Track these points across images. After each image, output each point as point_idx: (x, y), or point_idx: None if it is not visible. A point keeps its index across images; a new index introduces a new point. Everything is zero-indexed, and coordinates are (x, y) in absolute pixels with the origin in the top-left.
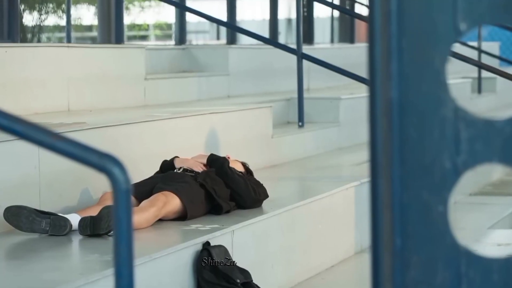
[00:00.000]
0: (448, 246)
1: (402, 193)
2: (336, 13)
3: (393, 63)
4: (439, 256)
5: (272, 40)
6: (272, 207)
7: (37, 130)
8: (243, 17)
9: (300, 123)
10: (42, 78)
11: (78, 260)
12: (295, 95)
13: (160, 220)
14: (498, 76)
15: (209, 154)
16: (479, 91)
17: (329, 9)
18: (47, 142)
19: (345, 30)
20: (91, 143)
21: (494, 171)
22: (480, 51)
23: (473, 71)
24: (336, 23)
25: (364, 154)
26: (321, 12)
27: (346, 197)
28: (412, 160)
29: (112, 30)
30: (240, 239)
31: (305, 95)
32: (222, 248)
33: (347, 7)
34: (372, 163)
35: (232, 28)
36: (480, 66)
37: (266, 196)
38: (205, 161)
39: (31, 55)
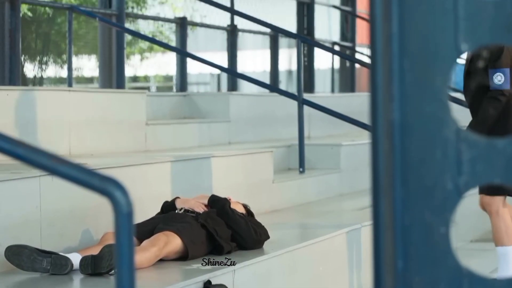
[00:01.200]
0: (450, 267)
1: (404, 214)
2: (337, 64)
3: (395, 85)
4: (441, 277)
5: (273, 86)
6: (273, 248)
7: (38, 153)
8: (243, 68)
9: (301, 169)
10: (43, 121)
11: None
12: (296, 142)
13: (161, 260)
14: None
15: (210, 194)
16: None
17: (329, 60)
18: (48, 165)
19: (346, 81)
20: None
21: None
22: None
23: None
24: (336, 75)
25: (365, 200)
26: (321, 63)
27: (348, 239)
28: (414, 181)
29: (113, 75)
30: (242, 278)
31: (306, 142)
32: (223, 287)
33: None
34: (374, 185)
35: (233, 74)
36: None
37: (267, 237)
38: (206, 201)
39: (33, 99)
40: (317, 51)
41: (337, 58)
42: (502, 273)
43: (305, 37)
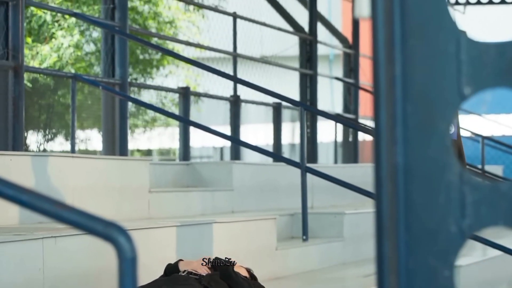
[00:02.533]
0: None
1: (408, 259)
2: (340, 137)
3: (398, 128)
4: None
5: (276, 154)
6: None
7: (42, 200)
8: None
9: (304, 237)
10: (46, 187)
11: None
12: (299, 211)
13: None
14: None
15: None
16: None
17: (332, 133)
18: (52, 211)
19: (349, 153)
20: (96, 246)
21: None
22: (483, 172)
23: None
24: (339, 148)
25: (369, 268)
26: (324, 137)
27: None
28: (418, 225)
29: (116, 143)
30: None
31: (309, 211)
32: None
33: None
34: (377, 229)
35: (236, 143)
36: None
37: None
38: (209, 264)
39: (36, 164)
40: (320, 124)
41: (340, 131)
42: None
43: (307, 105)
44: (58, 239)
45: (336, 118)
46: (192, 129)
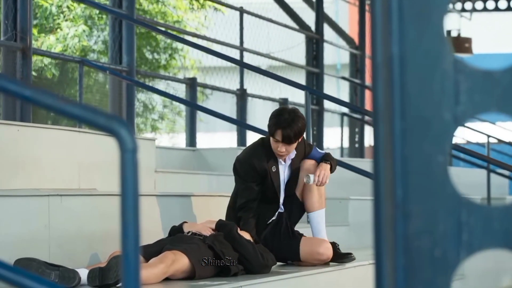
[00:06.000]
0: (448, 195)
1: (403, 145)
2: (346, 143)
3: (393, 19)
4: (440, 206)
5: None
6: (281, 269)
7: (46, 94)
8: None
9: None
10: (53, 160)
11: None
12: None
13: (168, 279)
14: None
15: (217, 220)
16: None
17: (339, 137)
18: (56, 105)
19: (355, 154)
20: (100, 209)
21: (504, 279)
22: (489, 170)
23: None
24: (345, 151)
25: None
26: (330, 143)
27: (355, 274)
28: (413, 113)
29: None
30: None
31: None
32: None
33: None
34: (374, 118)
35: (243, 126)
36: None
37: (274, 262)
38: (213, 226)
39: (43, 136)
40: (326, 131)
41: (346, 135)
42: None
43: (313, 89)
44: (63, 198)
45: (342, 102)
46: (198, 134)
